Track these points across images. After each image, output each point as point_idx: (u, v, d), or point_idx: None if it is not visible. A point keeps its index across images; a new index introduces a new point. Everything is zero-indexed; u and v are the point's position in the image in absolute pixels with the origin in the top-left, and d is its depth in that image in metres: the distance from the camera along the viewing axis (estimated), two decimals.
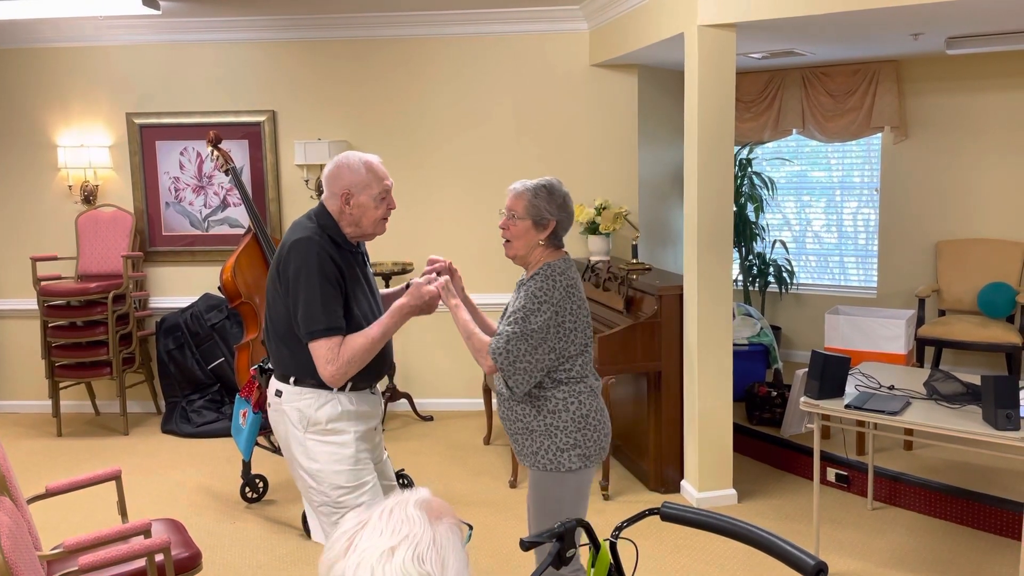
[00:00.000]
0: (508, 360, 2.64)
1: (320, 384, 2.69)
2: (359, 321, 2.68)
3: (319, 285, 2.59)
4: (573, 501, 2.77)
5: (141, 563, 2.73)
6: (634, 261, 5.29)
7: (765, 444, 5.10)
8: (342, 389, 2.71)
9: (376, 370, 2.77)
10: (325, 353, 2.59)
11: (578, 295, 2.75)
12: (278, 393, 2.75)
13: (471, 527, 1.27)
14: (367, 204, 2.69)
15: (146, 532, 2.77)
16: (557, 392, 2.72)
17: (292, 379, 2.71)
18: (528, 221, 2.72)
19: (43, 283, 5.78)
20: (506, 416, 2.83)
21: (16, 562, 2.13)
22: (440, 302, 2.75)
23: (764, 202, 6.93)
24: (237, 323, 5.96)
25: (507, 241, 2.77)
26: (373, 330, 2.67)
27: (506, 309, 2.84)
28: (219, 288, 5.06)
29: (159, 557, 2.69)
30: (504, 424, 2.85)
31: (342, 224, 2.71)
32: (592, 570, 1.94)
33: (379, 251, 5.97)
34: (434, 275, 2.79)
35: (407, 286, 2.84)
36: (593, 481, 4.70)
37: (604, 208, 5.76)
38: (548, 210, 2.71)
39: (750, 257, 6.94)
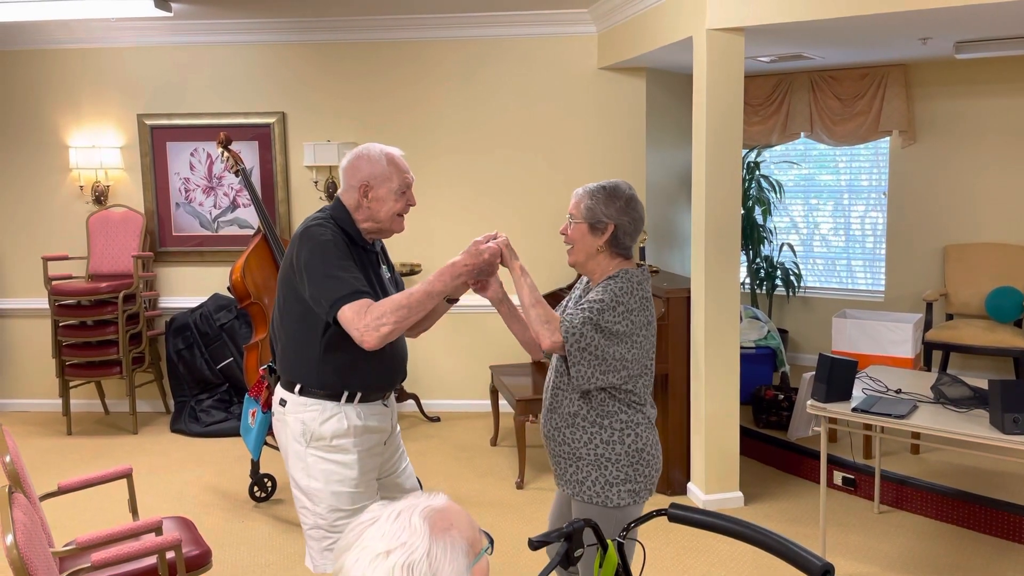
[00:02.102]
0: (579, 344, 2.37)
1: (327, 395, 2.51)
2: None
3: (336, 258, 2.41)
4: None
5: (152, 560, 2.75)
6: (641, 263, 5.29)
7: (772, 447, 5.10)
8: (351, 400, 2.52)
9: (388, 379, 2.62)
10: (352, 316, 2.34)
11: (651, 311, 2.53)
12: (282, 402, 2.58)
13: (491, 539, 1.28)
14: (386, 198, 2.52)
15: (157, 530, 2.79)
16: (615, 420, 2.48)
17: (298, 387, 2.53)
18: (584, 225, 2.49)
19: (54, 283, 5.82)
20: (551, 436, 2.57)
21: (31, 558, 2.16)
22: (499, 265, 2.49)
23: (772, 205, 6.93)
24: (246, 323, 6.00)
25: (570, 247, 2.56)
26: (415, 288, 2.39)
27: (566, 304, 2.64)
28: (228, 288, 5.09)
29: (170, 554, 2.71)
30: (546, 444, 2.60)
31: (358, 218, 2.55)
32: (600, 570, 1.96)
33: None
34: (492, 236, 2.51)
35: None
36: None
37: None
38: (605, 213, 2.47)
39: (757, 260, 6.94)
